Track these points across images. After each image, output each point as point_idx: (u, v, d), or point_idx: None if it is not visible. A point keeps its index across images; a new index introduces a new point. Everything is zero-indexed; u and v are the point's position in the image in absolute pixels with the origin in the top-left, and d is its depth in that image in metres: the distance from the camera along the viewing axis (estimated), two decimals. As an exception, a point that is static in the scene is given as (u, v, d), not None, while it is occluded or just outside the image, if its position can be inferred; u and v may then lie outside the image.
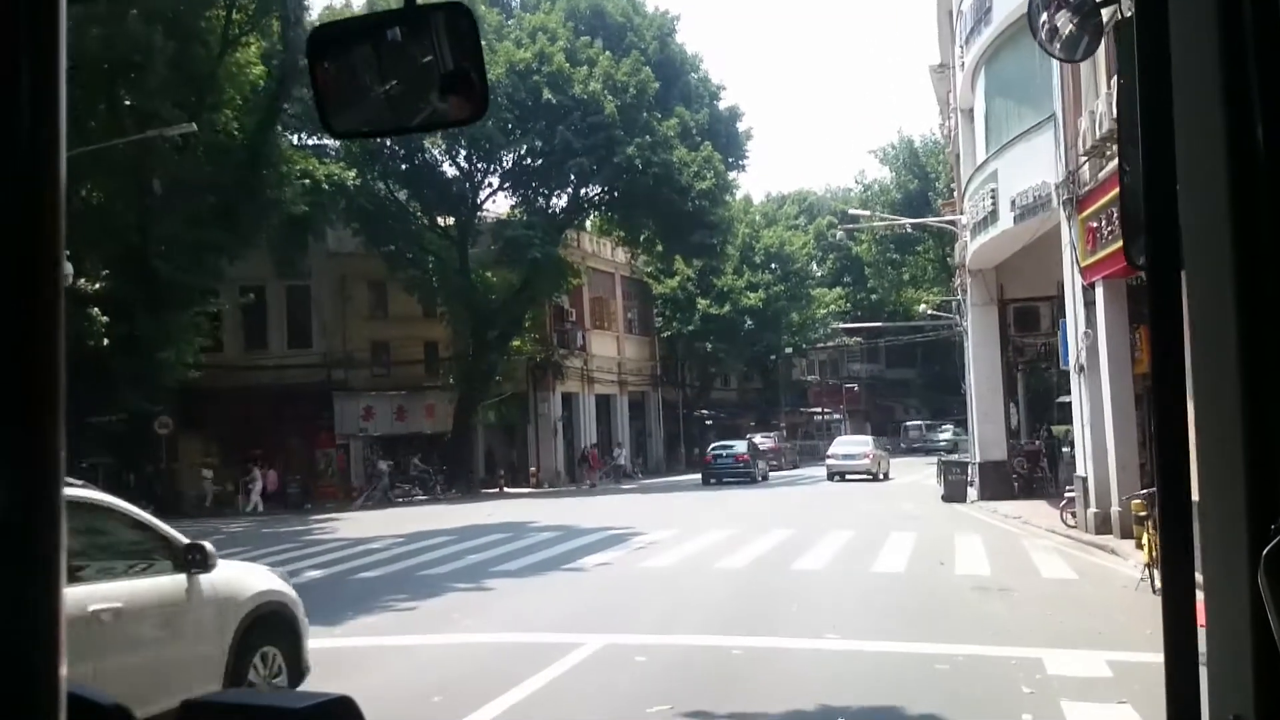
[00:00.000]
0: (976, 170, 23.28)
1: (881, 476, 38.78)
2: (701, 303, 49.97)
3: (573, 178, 36.91)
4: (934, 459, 51.83)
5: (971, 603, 11.42)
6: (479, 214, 39.50)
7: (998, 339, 25.98)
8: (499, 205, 39.91)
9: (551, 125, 33.70)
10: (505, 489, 39.70)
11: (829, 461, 39.46)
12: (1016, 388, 29.69)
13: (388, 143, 35.89)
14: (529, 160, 37.42)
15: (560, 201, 39.04)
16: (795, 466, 47.56)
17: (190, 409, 36.73)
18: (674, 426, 54.55)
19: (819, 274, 57.16)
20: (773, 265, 51.87)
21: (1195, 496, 1.21)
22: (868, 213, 34.07)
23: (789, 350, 54.74)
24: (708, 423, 60.10)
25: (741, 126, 41.02)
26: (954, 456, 30.55)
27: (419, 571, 14.74)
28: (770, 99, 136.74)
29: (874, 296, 59.04)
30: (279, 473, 36.97)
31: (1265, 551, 1.06)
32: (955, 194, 33.36)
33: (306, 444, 40.05)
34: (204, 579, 6.68)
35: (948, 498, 26.07)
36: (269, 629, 7.12)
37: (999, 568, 13.96)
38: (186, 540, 6.65)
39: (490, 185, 38.89)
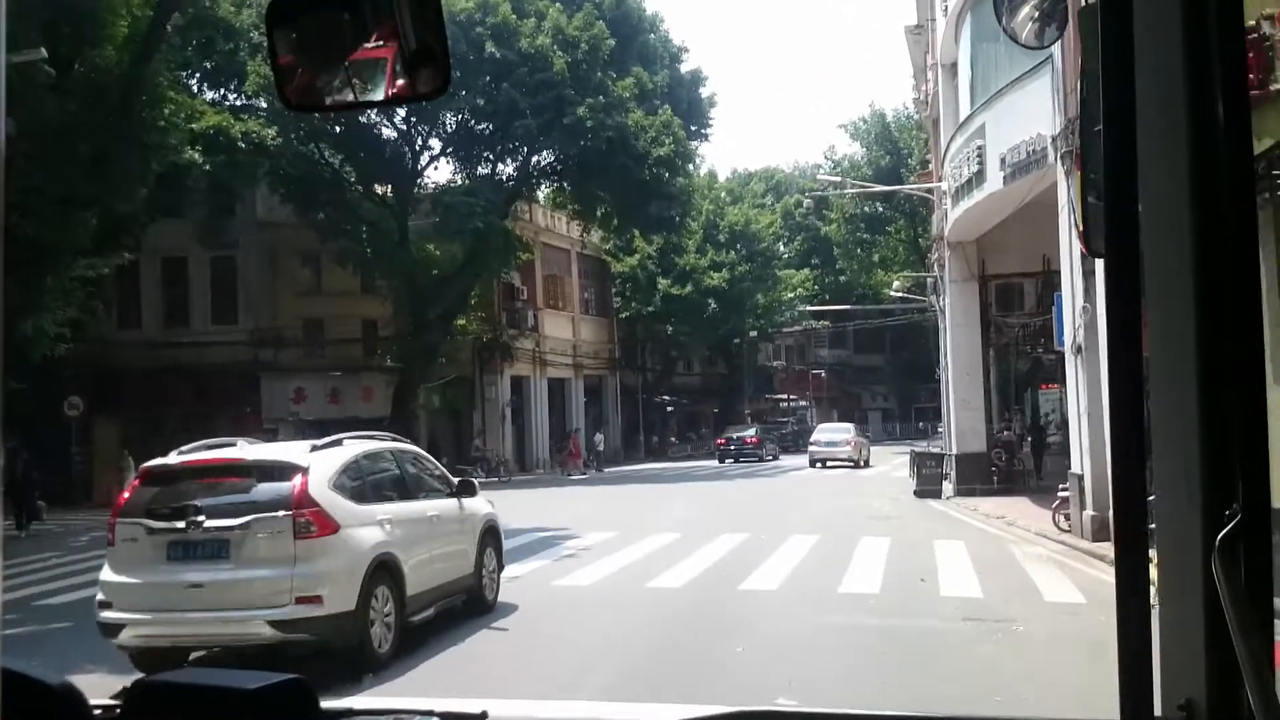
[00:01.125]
0: (959, 128, 20.78)
1: (862, 464, 38.51)
2: (662, 282, 47.35)
3: (521, 145, 34.04)
4: (902, 448, 49.94)
5: (966, 641, 8.92)
6: (419, 181, 36.58)
7: (978, 319, 23.57)
8: (442, 173, 36.98)
9: (496, 83, 30.83)
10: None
11: (811, 449, 39.66)
12: (991, 373, 27.37)
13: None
14: (473, 123, 34.54)
15: (508, 169, 36.21)
16: (776, 457, 45.40)
17: (105, 389, 33.80)
18: (633, 413, 51.90)
19: (786, 255, 54.62)
20: (738, 245, 49.27)
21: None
22: (839, 178, 31.44)
23: (754, 334, 52.22)
24: (669, 409, 57.59)
25: (704, 92, 38.30)
26: (926, 447, 28.09)
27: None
28: (734, 73, 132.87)
29: (843, 278, 56.65)
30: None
31: (1219, 537, 1.11)
32: (932, 164, 30.92)
33: (232, 428, 37.02)
34: (466, 502, 10.48)
35: (921, 492, 23.66)
36: (491, 536, 10.89)
37: (992, 587, 11.47)
38: (457, 480, 10.76)
39: (431, 150, 35.92)
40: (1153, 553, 1.23)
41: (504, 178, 36.05)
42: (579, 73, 31.06)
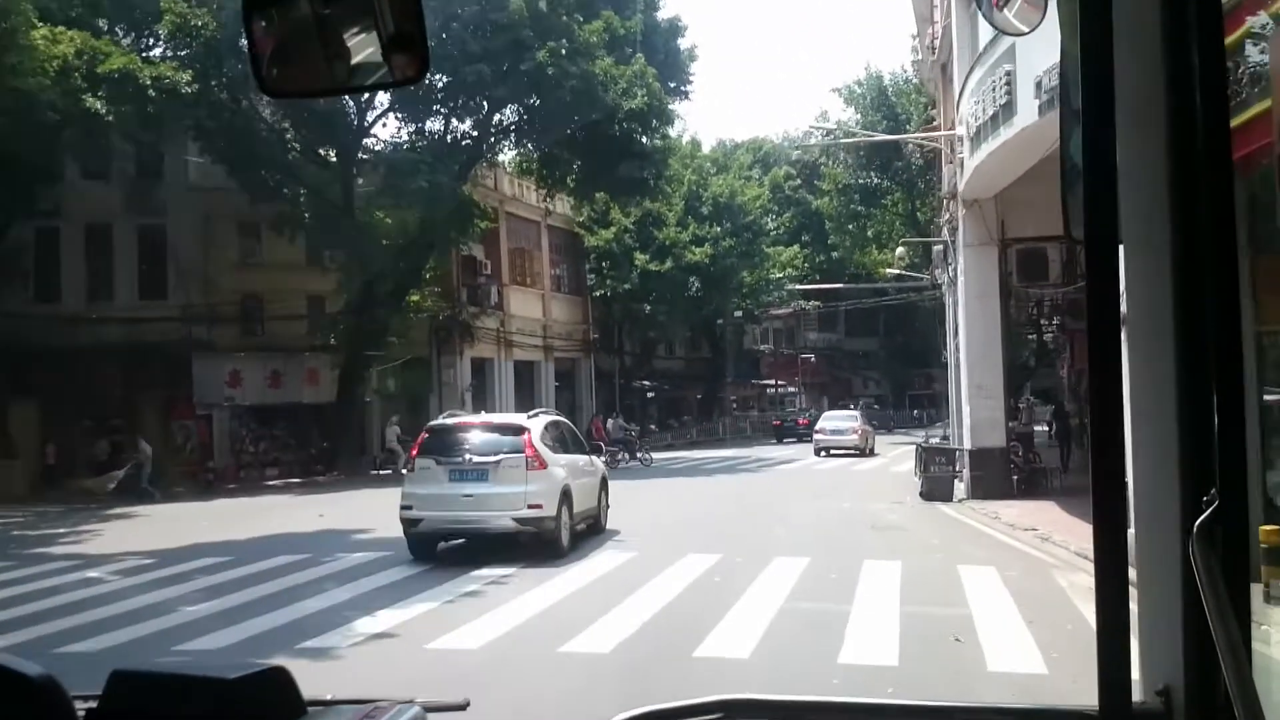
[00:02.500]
0: (980, 57, 17.20)
1: (868, 452, 37.22)
2: (640, 258, 43.66)
3: (476, 97, 30.26)
4: (898, 438, 46.62)
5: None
6: (365, 141, 32.88)
7: (997, 290, 20.08)
8: (393, 131, 33.12)
9: (445, 24, 27.08)
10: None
11: (817, 437, 38.58)
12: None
13: (244, 47, 29.22)
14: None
15: (464, 126, 32.47)
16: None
17: (19, 370, 30.14)
18: (609, 398, 48.21)
19: (774, 231, 50.85)
20: (723, 218, 45.56)
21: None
22: (834, 127, 27.61)
23: (738, 314, 48.58)
24: (649, 395, 54.01)
25: (684, 44, 34.53)
26: (936, 441, 24.62)
27: (57, 647, 8.45)
28: (718, 37, 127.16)
29: (835, 254, 52.94)
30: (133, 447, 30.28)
31: (1197, 523, 1.12)
32: (938, 118, 27.37)
33: (161, 416, 33.44)
34: (595, 459, 16.36)
35: (929, 494, 20.19)
36: (604, 483, 16.14)
37: (1053, 650, 7.99)
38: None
39: (378, 106, 32.18)
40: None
41: (459, 135, 32.32)
42: (538, 12, 27.32)
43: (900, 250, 31.40)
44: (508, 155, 37.88)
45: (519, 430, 13.72)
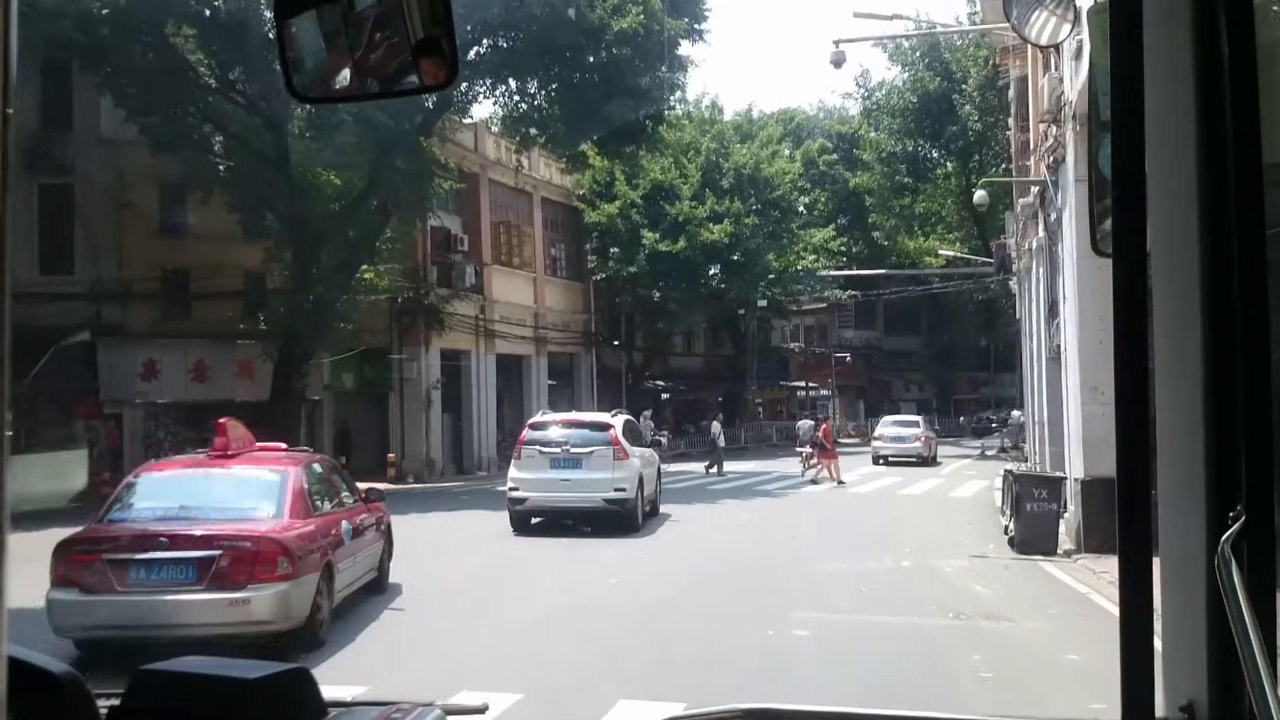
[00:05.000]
0: None
1: (931, 461, 34.56)
2: (648, 236, 37.49)
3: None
4: (947, 448, 40.28)
5: None
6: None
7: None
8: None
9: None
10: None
11: (875, 444, 35.68)
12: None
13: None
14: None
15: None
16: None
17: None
18: (614, 400, 41.85)
19: (806, 210, 44.44)
20: (746, 194, 39.33)
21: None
22: (890, 14, 21.23)
23: (763, 303, 42.20)
24: (663, 396, 47.72)
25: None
26: (1027, 467, 18.23)
27: None
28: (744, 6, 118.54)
29: (876, 236, 46.36)
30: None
31: (1223, 539, 1.11)
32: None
33: (62, 416, 27.78)
34: (654, 452, 20.07)
35: (1024, 544, 13.80)
36: (658, 471, 18.95)
37: None
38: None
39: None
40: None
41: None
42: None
43: (981, 195, 24.13)
44: (485, 108, 31.82)
45: (606, 426, 17.03)
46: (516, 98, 27.81)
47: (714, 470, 31.36)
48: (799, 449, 31.76)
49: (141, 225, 28.47)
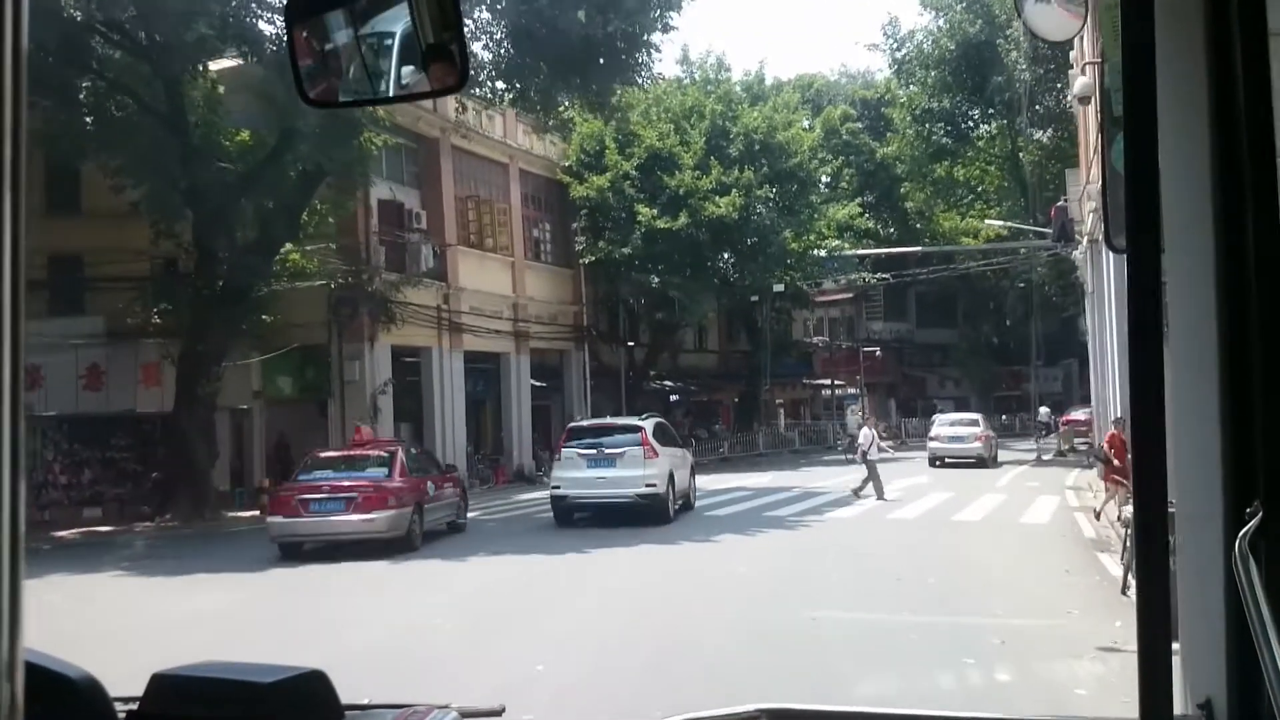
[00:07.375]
0: None
1: (992, 462, 32.05)
2: (645, 211, 32.21)
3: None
4: (1006, 450, 35.03)
5: None
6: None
7: None
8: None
9: None
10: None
11: (931, 444, 32.81)
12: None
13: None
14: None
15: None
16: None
17: None
18: (614, 403, 36.53)
19: (828, 183, 39.05)
20: (758, 163, 33.98)
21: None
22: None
23: (780, 288, 36.77)
24: (671, 398, 42.29)
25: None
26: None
27: None
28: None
29: (907, 207, 40.71)
30: None
31: (1241, 535, 1.11)
32: None
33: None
34: (686, 451, 21.46)
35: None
36: (691, 470, 20.95)
37: None
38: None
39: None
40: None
41: None
42: None
43: (1084, 84, 18.31)
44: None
45: (637, 429, 18.82)
46: (470, 36, 22.51)
47: (867, 493, 21.72)
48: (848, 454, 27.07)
49: (27, 203, 23.43)
